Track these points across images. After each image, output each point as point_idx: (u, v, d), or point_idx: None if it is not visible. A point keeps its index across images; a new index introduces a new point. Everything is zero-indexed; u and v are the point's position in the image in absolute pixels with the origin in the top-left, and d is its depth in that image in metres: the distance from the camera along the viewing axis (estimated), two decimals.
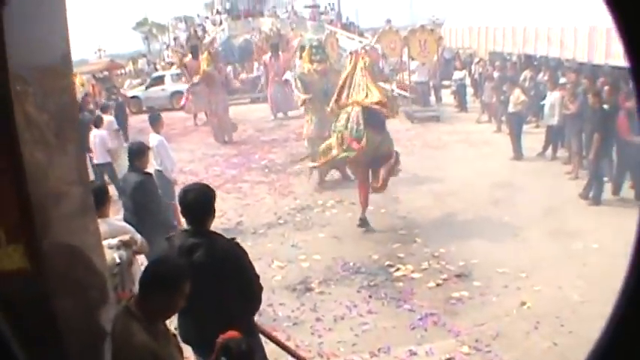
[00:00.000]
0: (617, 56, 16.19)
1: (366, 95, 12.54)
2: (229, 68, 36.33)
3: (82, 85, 27.33)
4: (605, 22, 16.84)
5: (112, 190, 11.14)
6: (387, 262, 10.94)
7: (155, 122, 12.62)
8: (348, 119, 12.50)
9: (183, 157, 19.72)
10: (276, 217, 13.67)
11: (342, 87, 13.03)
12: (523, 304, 9.12)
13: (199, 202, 5.37)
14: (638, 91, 1.84)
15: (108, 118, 17.16)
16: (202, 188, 5.60)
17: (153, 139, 12.12)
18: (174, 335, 4.73)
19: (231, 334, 4.42)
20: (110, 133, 16.39)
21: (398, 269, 10.64)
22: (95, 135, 15.18)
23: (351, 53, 15.20)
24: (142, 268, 6.69)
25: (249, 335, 4.89)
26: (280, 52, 28.53)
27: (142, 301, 4.18)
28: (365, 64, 13.01)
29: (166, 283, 4.16)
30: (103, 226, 5.55)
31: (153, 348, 4.08)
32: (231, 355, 4.34)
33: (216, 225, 6.55)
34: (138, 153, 9.19)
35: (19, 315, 3.02)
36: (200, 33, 44.37)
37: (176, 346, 4.57)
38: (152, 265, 4.46)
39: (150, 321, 4.16)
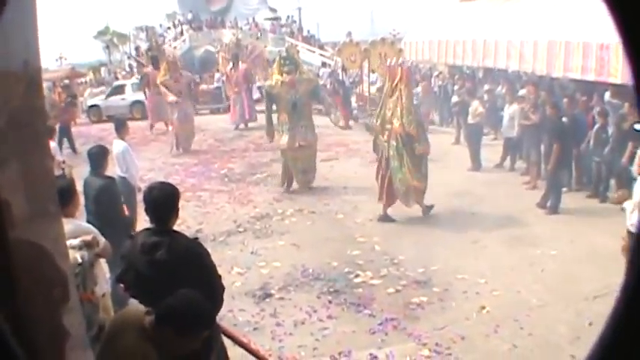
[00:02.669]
0: (575, 69, 16.42)
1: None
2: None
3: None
4: (563, 35, 17.10)
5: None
6: (347, 269, 10.93)
7: (120, 128, 12.60)
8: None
9: (143, 165, 19.48)
10: (235, 225, 13.61)
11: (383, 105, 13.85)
12: (482, 308, 9.21)
13: (163, 199, 5.34)
14: (638, 91, 1.85)
15: (52, 145, 16.61)
16: (166, 186, 5.59)
17: (117, 146, 12.08)
18: None
19: None
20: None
21: (357, 276, 10.65)
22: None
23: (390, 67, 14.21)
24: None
25: (211, 336, 4.86)
26: (240, 63, 28.52)
27: (158, 328, 4.06)
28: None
29: (186, 326, 4.05)
30: (66, 225, 5.49)
31: None
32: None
33: None
34: (98, 157, 9.13)
35: None
36: (161, 43, 44.25)
37: None
38: (180, 302, 4.20)
39: (161, 348, 4.06)
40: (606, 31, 14.87)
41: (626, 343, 1.80)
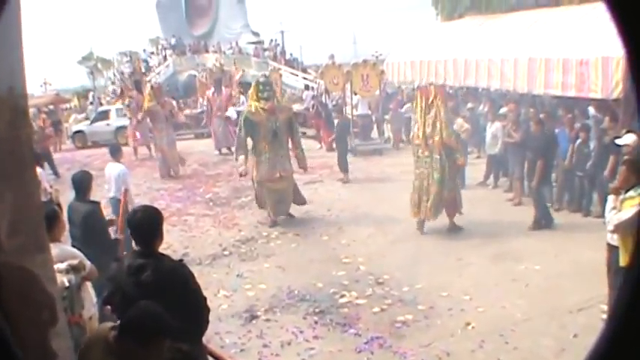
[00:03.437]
0: (556, 86, 16.57)
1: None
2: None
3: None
4: (543, 52, 17.26)
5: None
6: (332, 290, 10.99)
7: (116, 152, 13.37)
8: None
9: None
10: (221, 249, 13.66)
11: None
12: (467, 324, 9.26)
13: (147, 222, 5.40)
14: (638, 91, 1.92)
15: (38, 170, 16.62)
16: (150, 209, 5.64)
17: (115, 168, 12.88)
18: None
19: None
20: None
21: (343, 296, 10.69)
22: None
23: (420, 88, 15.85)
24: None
25: (197, 357, 4.92)
26: (223, 88, 28.63)
27: (120, 341, 4.13)
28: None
29: (145, 336, 4.10)
30: (53, 250, 5.55)
31: None
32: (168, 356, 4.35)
33: None
34: (83, 182, 9.16)
35: None
36: (144, 68, 44.29)
37: None
38: (139, 312, 4.32)
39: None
40: (585, 47, 15.08)
41: (626, 343, 1.87)
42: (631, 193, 7.69)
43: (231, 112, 28.04)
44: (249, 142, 15.82)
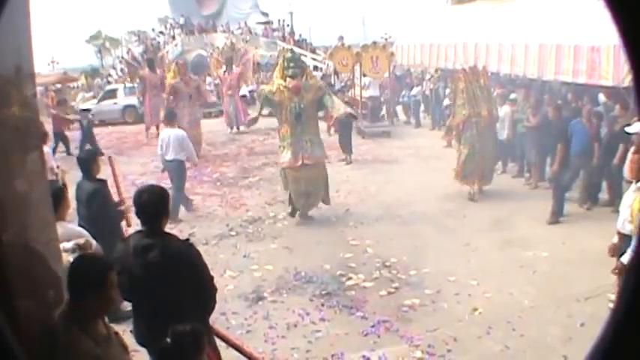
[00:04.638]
0: (566, 72, 16.43)
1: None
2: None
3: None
4: (554, 38, 17.12)
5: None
6: (339, 272, 10.94)
7: (172, 118, 15.51)
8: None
9: (134, 170, 19.64)
10: (227, 229, 13.62)
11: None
12: (475, 310, 9.22)
13: (154, 202, 5.35)
14: (637, 91, 1.87)
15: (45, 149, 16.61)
16: (157, 189, 5.61)
17: (172, 133, 14.80)
18: (117, 333, 4.63)
19: None
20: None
21: (350, 278, 10.65)
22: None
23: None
24: None
25: (203, 337, 4.88)
26: (234, 66, 28.46)
27: (74, 303, 4.07)
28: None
29: (90, 279, 4.05)
30: (59, 229, 5.51)
31: (96, 354, 4.03)
32: (176, 335, 4.34)
33: None
34: (88, 161, 9.13)
35: None
36: (156, 46, 44.19)
37: (120, 345, 4.50)
38: (73, 265, 4.30)
39: (87, 322, 4.08)
40: (597, 34, 14.92)
41: (626, 343, 1.82)
42: None
43: (244, 91, 27.94)
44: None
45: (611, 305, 8.72)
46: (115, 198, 9.29)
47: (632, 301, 1.86)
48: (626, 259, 7.40)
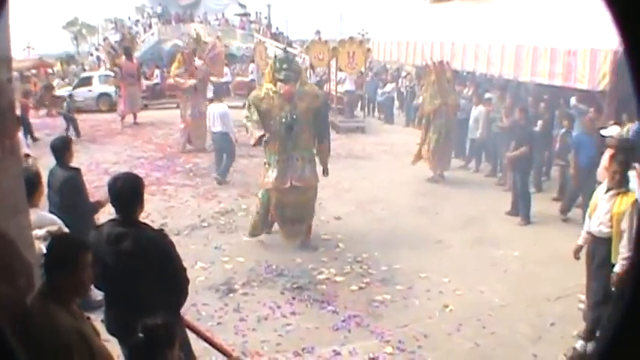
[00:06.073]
0: (542, 74, 16.51)
1: None
2: (157, 72, 36.04)
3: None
4: (531, 40, 17.20)
5: None
6: (311, 266, 10.96)
7: (219, 94, 18.15)
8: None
9: (108, 158, 19.54)
10: (199, 220, 13.57)
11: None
12: (445, 307, 9.30)
13: (128, 189, 5.29)
14: (637, 91, 1.87)
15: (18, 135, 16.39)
16: (131, 176, 5.55)
17: (218, 108, 16.68)
18: (88, 317, 4.61)
19: None
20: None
21: (321, 272, 10.67)
22: None
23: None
24: None
25: (174, 328, 4.84)
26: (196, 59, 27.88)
27: (50, 283, 4.08)
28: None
29: (64, 259, 4.06)
30: (32, 216, 5.45)
31: (77, 326, 4.01)
32: (148, 328, 4.32)
33: None
34: (61, 148, 9.02)
35: None
36: (134, 34, 43.80)
37: (91, 327, 4.49)
38: (48, 245, 4.37)
39: (63, 301, 4.07)
40: (574, 38, 15.04)
41: (626, 343, 1.82)
42: (622, 188, 7.68)
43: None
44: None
45: (581, 306, 8.84)
46: (89, 186, 9.23)
47: (632, 301, 1.87)
48: (618, 268, 7.49)
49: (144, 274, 5.15)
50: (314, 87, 13.83)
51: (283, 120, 11.45)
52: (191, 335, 6.03)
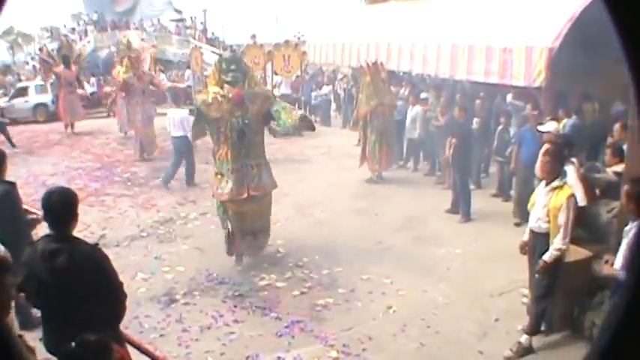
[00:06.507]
0: (478, 72, 16.64)
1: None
2: (93, 80, 35.60)
3: None
4: (466, 39, 17.34)
5: None
6: (251, 272, 10.92)
7: (177, 99, 18.56)
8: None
9: (46, 170, 19.19)
10: (139, 230, 13.40)
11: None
12: (389, 308, 9.32)
13: (62, 204, 5.18)
14: (637, 91, 1.85)
15: None
16: (66, 191, 5.42)
17: (178, 113, 17.03)
18: (21, 336, 4.49)
19: None
20: None
21: (262, 279, 10.62)
22: None
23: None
24: None
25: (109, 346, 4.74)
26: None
27: None
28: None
29: None
30: None
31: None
32: (80, 346, 4.20)
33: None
34: None
35: None
36: (71, 42, 43.16)
37: (25, 347, 4.39)
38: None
39: None
40: (509, 36, 15.23)
41: (626, 343, 1.82)
42: (557, 182, 7.75)
43: None
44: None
45: (525, 300, 8.93)
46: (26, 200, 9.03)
47: (632, 300, 1.87)
48: (547, 256, 7.58)
49: (79, 290, 5.05)
50: (264, 87, 13.60)
51: (235, 126, 10.70)
52: (133, 351, 5.93)
